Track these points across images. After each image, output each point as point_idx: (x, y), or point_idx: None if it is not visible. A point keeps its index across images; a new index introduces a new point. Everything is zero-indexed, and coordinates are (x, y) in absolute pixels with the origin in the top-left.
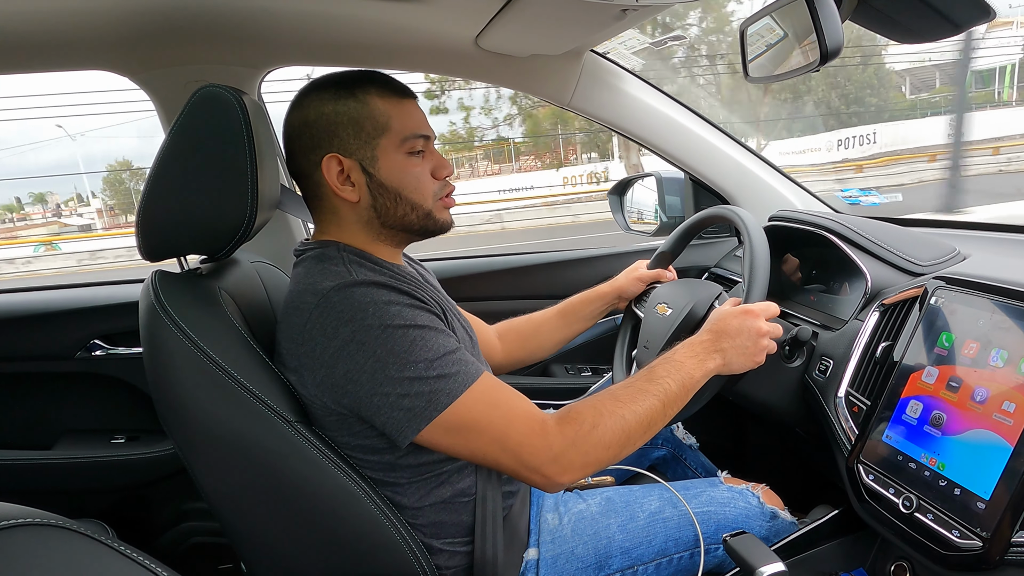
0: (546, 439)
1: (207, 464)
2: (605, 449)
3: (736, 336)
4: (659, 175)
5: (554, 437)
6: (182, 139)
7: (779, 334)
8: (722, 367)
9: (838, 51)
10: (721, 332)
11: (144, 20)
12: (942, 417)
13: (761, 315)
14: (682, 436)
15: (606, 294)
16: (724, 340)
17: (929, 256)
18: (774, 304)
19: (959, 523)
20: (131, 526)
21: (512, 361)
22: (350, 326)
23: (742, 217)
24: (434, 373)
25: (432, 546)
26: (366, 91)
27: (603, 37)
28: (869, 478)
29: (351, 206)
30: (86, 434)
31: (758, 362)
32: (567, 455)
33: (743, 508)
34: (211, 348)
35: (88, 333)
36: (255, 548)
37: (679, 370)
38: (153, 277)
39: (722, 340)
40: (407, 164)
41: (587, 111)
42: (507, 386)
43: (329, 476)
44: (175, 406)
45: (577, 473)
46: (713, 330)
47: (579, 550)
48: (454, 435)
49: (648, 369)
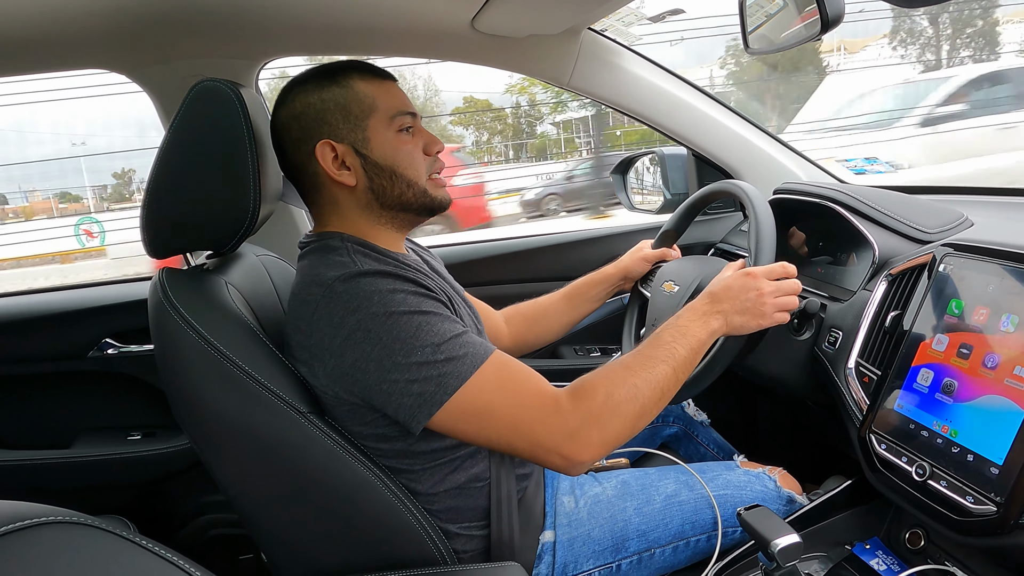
0: (561, 417)
1: (222, 457)
2: (622, 420)
3: (736, 295)
4: (661, 152)
5: (568, 414)
6: (182, 135)
7: (792, 290)
8: (726, 326)
9: (839, 18)
10: (720, 292)
11: (138, 16)
12: (953, 384)
13: (762, 276)
14: (693, 413)
15: (611, 275)
16: (724, 300)
17: (936, 223)
18: (782, 265)
19: (973, 489)
20: (151, 520)
21: (519, 345)
22: (356, 315)
23: (746, 191)
24: (442, 356)
25: (449, 530)
26: (348, 76)
27: (600, 14)
28: (881, 447)
29: (349, 192)
30: (103, 432)
31: (760, 324)
32: (584, 431)
33: (760, 491)
34: (220, 342)
35: (99, 332)
36: (274, 538)
37: (684, 334)
38: (160, 274)
39: (722, 300)
40: (398, 141)
41: (587, 90)
42: (518, 363)
43: (344, 465)
44: (188, 401)
45: (596, 450)
46: (711, 292)
47: (595, 533)
48: (467, 422)
49: (654, 336)
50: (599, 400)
